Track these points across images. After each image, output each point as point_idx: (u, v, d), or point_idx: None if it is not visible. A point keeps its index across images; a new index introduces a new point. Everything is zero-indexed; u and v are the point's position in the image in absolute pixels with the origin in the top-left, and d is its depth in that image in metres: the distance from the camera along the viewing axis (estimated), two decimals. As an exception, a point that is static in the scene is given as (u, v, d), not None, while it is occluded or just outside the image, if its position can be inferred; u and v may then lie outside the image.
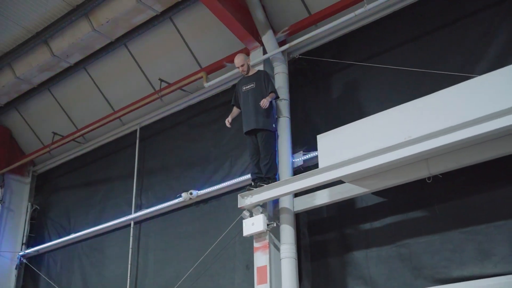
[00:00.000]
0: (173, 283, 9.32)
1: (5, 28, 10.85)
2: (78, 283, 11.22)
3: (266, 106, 7.70)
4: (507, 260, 6.09)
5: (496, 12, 7.07)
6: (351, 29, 8.45)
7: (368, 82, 8.04)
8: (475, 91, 6.22)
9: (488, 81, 6.20)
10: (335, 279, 7.48)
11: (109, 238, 11.02)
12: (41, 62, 11.14)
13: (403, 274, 6.89)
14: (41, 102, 12.37)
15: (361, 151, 6.83)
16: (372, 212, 7.44)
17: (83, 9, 10.13)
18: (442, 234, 6.71)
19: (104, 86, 11.39)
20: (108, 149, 11.87)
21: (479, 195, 6.58)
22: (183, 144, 10.31)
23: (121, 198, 11.08)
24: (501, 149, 6.24)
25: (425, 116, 6.50)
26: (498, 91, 6.01)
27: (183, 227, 9.71)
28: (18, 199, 12.93)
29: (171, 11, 9.78)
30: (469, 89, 6.31)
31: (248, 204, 7.78)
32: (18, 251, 12.47)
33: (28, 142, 13.13)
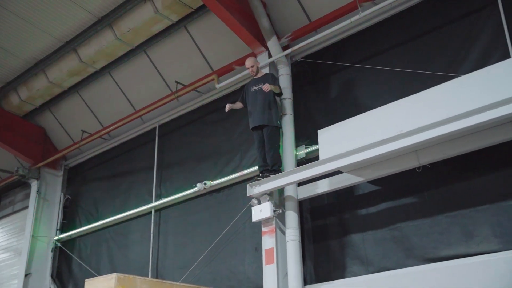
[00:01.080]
0: (190, 264, 9.33)
1: (39, 38, 10.89)
2: (106, 264, 11.27)
3: (267, 89, 7.66)
4: (488, 240, 6.17)
5: (477, 18, 7.09)
6: (347, 34, 8.44)
7: (363, 82, 8.04)
8: (460, 89, 6.30)
9: (471, 80, 6.28)
10: (335, 259, 7.51)
11: (133, 224, 11.07)
12: (71, 67, 11.20)
13: (396, 254, 6.92)
14: (71, 103, 12.41)
15: (358, 144, 6.86)
16: (368, 199, 7.46)
17: (107, 20, 10.19)
18: (431, 218, 6.76)
19: (126, 88, 11.41)
20: (130, 145, 11.90)
21: (464, 183, 6.62)
22: (198, 139, 10.32)
23: (143, 189, 11.10)
24: (482, 141, 6.30)
25: (415, 112, 6.55)
26: (480, 89, 6.07)
27: (198, 214, 9.73)
28: (52, 190, 12.99)
29: (185, 20, 9.80)
30: (454, 87, 6.39)
31: (257, 192, 7.78)
32: (53, 236, 12.54)
33: (60, 139, 13.17)
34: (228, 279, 8.71)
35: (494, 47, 6.80)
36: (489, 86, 5.98)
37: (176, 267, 9.67)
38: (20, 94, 12.30)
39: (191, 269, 9.23)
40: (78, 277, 11.74)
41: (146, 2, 9.55)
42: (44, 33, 10.76)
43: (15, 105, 12.56)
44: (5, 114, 12.69)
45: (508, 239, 6.01)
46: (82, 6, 9.99)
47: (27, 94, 12.18)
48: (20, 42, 11.05)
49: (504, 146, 6.24)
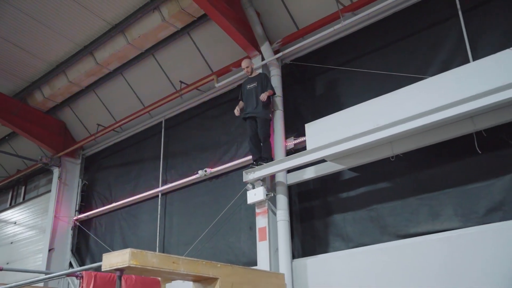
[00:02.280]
0: (192, 241, 9.36)
1: (61, 43, 10.89)
2: (118, 241, 11.29)
3: (264, 99, 7.73)
4: (451, 219, 6.26)
5: (442, 28, 7.13)
6: (331, 41, 8.43)
7: (344, 82, 8.04)
8: (427, 89, 6.36)
9: (437, 81, 6.35)
10: (319, 237, 7.54)
11: (142, 206, 11.06)
12: (88, 69, 11.18)
13: (373, 231, 6.97)
14: (88, 100, 12.39)
15: (340, 136, 6.90)
16: (348, 184, 7.47)
17: (120, 27, 10.18)
18: (403, 200, 6.80)
19: (136, 87, 11.39)
20: (140, 137, 11.86)
21: (431, 170, 6.67)
22: (199, 132, 10.30)
23: (151, 175, 11.09)
24: (446, 134, 6.38)
25: (389, 109, 6.58)
26: (444, 89, 6.12)
27: (200, 197, 9.74)
28: (71, 176, 12.99)
29: (188, 27, 9.79)
30: (422, 87, 6.45)
31: (251, 178, 7.80)
32: (73, 216, 12.55)
33: (78, 131, 13.14)
34: (226, 254, 8.74)
35: (456, 53, 6.84)
36: (452, 87, 6.05)
37: (180, 243, 9.68)
38: (43, 92, 12.30)
39: (193, 245, 9.25)
40: (95, 252, 11.78)
41: (154, 11, 9.55)
42: (65, 39, 10.75)
43: (39, 101, 12.55)
44: (30, 110, 12.68)
45: (467, 218, 6.09)
46: (99, 15, 10.00)
47: (49, 92, 12.17)
48: (44, 46, 11.04)
49: (464, 139, 6.30)
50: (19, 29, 10.52)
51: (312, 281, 7.15)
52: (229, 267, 5.87)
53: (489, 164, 6.09)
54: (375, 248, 6.74)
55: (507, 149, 5.87)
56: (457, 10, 6.96)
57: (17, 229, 14.53)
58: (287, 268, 7.27)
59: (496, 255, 5.60)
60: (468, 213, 6.11)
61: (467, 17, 6.87)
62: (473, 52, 6.64)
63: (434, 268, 6.04)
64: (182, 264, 5.36)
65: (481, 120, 6.08)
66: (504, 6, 6.58)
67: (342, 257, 7.02)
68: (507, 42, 6.24)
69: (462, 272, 5.81)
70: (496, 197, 5.94)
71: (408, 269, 6.26)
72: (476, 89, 5.76)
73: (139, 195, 11.02)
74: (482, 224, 5.91)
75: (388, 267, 6.45)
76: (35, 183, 14.79)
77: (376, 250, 6.69)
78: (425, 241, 6.27)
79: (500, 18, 6.58)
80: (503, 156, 5.96)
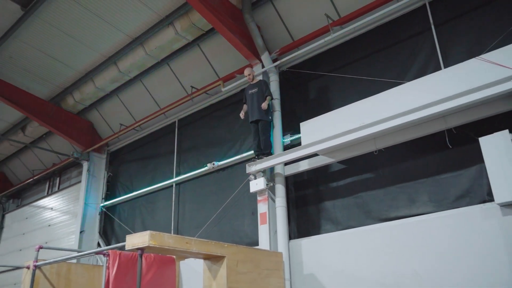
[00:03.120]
0: (202, 224, 9.39)
1: (88, 54, 10.89)
2: (139, 224, 11.32)
3: (265, 108, 7.76)
4: (426, 205, 6.29)
5: (418, 40, 7.12)
6: (322, 50, 8.41)
7: (334, 87, 8.03)
8: (405, 93, 6.37)
9: (414, 86, 6.35)
10: (312, 221, 7.54)
11: (159, 195, 11.07)
12: (112, 76, 11.18)
13: (358, 216, 6.98)
14: (112, 103, 12.40)
15: (330, 133, 6.93)
16: (338, 175, 7.46)
17: (139, 40, 10.17)
18: (384, 189, 6.81)
19: (153, 91, 11.39)
20: (156, 135, 11.87)
21: (409, 162, 6.67)
22: (207, 130, 10.30)
23: (166, 167, 11.09)
24: (422, 131, 6.41)
25: (373, 109, 6.59)
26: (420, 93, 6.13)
27: (208, 187, 9.74)
28: (98, 169, 13.01)
29: (198, 40, 9.77)
30: (401, 91, 6.45)
31: (253, 170, 7.81)
32: (100, 203, 12.58)
33: (103, 130, 13.16)
34: (231, 235, 8.76)
35: (430, 62, 6.83)
36: (427, 90, 6.07)
37: (192, 226, 9.69)
38: (74, 96, 12.31)
39: (203, 228, 9.28)
40: (119, 234, 11.83)
41: (169, 26, 9.54)
42: (93, 51, 10.75)
43: (70, 105, 12.56)
44: (63, 112, 12.71)
45: (440, 204, 6.11)
46: (122, 30, 10.00)
47: (79, 96, 12.19)
48: (75, 57, 11.06)
49: (437, 135, 6.31)
50: (54, 43, 10.56)
51: (306, 258, 7.19)
52: (234, 247, 5.90)
53: (458, 157, 6.10)
54: (360, 230, 6.77)
55: (473, 144, 5.86)
56: (430, 25, 6.97)
57: (54, 214, 14.59)
58: (284, 248, 7.29)
59: (463, 234, 5.64)
60: (440, 199, 6.13)
61: (439, 31, 6.88)
62: (444, 61, 6.65)
63: (411, 246, 6.07)
64: (194, 244, 5.38)
65: (451, 119, 6.10)
66: (470, 21, 6.59)
67: (332, 238, 7.04)
68: (473, 52, 6.26)
69: (435, 249, 5.84)
70: (464, 185, 5.95)
71: (389, 247, 6.29)
72: (447, 92, 5.80)
73: (156, 185, 11.04)
74: (452, 209, 5.93)
75: (371, 246, 6.48)
76: (68, 175, 14.84)
77: (362, 232, 6.72)
78: (403, 223, 6.30)
79: (466, 31, 6.58)
80: (470, 150, 5.96)
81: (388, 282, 6.12)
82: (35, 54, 10.96)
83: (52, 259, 7.75)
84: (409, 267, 5.98)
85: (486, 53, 5.75)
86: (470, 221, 5.62)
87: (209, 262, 5.77)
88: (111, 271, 6.73)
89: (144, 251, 5.29)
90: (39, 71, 11.63)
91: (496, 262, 5.26)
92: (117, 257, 6.89)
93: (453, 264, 5.61)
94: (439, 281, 5.67)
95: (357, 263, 6.54)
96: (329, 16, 7.97)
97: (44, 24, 9.98)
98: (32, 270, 7.64)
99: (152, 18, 9.63)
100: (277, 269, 6.58)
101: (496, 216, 5.39)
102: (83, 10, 9.52)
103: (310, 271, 7.06)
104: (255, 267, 6.12)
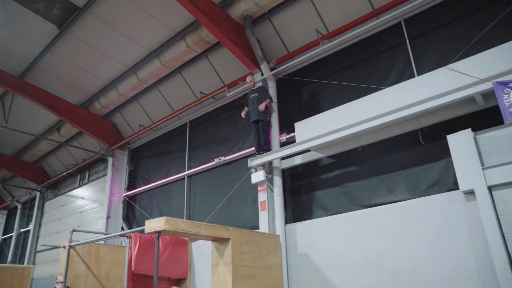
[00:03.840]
0: (210, 211, 9.38)
1: (113, 66, 10.91)
2: (156, 211, 11.28)
3: (262, 109, 7.77)
4: (402, 193, 6.30)
5: (395, 51, 7.10)
6: (313, 61, 8.36)
7: (324, 92, 7.98)
8: (385, 97, 6.36)
9: (391, 91, 6.34)
10: (305, 207, 7.54)
11: (173, 186, 11.02)
12: (132, 84, 11.15)
13: (345, 203, 6.98)
14: (132, 107, 12.35)
15: (321, 132, 6.93)
16: (327, 168, 7.45)
17: (155, 53, 10.15)
18: (367, 180, 6.80)
19: (168, 96, 11.34)
20: (170, 134, 11.79)
21: (388, 156, 6.66)
22: (214, 130, 10.25)
23: (179, 162, 11.03)
24: (399, 130, 6.41)
25: (357, 111, 6.59)
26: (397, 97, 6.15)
27: (216, 179, 9.71)
28: (121, 163, 12.98)
29: (206, 52, 9.72)
30: (381, 95, 6.44)
31: (254, 164, 7.80)
32: (123, 193, 12.55)
33: (125, 130, 13.10)
34: (236, 220, 8.75)
35: (405, 70, 6.82)
36: (403, 95, 6.06)
37: (201, 213, 9.68)
38: (100, 102, 12.28)
39: (211, 214, 9.31)
40: (139, 219, 11.79)
41: (181, 40, 9.51)
42: (116, 63, 10.77)
43: (97, 109, 12.53)
44: (91, 115, 12.68)
45: (414, 192, 6.12)
46: (141, 44, 10.01)
47: (105, 102, 12.16)
48: (101, 69, 11.07)
49: (411, 133, 6.33)
50: (84, 56, 10.59)
51: (300, 240, 7.21)
52: (238, 230, 5.92)
53: (429, 152, 6.12)
54: (346, 215, 6.78)
55: (442, 141, 5.86)
56: (405, 39, 6.96)
57: (84, 202, 14.59)
58: (281, 231, 7.31)
59: (434, 218, 5.68)
60: (414, 188, 6.14)
61: (412, 44, 6.87)
62: (417, 69, 6.64)
63: (389, 229, 6.10)
64: (203, 228, 5.42)
65: (423, 119, 6.12)
66: (439, 36, 6.57)
67: (322, 222, 7.06)
68: (441, 62, 6.27)
69: (410, 231, 5.87)
70: (434, 176, 5.98)
71: (371, 229, 6.31)
72: (420, 96, 5.82)
73: (171, 177, 10.98)
74: (424, 196, 5.95)
75: (356, 229, 6.50)
76: (95, 169, 14.81)
77: (348, 217, 6.74)
78: (383, 209, 6.33)
79: (436, 45, 6.57)
80: (439, 146, 5.97)
81: (370, 259, 6.17)
82: (68, 66, 11.00)
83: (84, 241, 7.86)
84: (387, 246, 6.02)
85: (452, 63, 5.77)
86: (439, 206, 5.66)
87: (216, 243, 5.81)
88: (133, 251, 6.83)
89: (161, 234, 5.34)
90: (71, 81, 11.66)
91: (460, 239, 5.32)
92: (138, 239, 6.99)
93: (425, 242, 5.65)
94: (413, 257, 5.71)
95: (343, 243, 6.57)
96: (319, 31, 7.96)
97: (76, 40, 10.05)
98: (68, 249, 7.76)
99: (167, 34, 9.64)
100: (275, 249, 6.61)
101: (460, 202, 5.43)
102: (108, 28, 9.57)
103: (303, 250, 7.09)
104: (256, 248, 6.15)
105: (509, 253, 4.63)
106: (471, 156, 5.18)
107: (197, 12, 7.73)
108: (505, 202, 4.81)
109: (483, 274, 5.01)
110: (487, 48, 5.62)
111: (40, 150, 16.27)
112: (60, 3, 9.10)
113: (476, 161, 5.11)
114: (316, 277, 6.74)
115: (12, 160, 16.99)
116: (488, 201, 4.88)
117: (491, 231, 4.76)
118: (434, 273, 5.45)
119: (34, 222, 17.08)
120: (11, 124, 13.16)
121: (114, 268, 8.69)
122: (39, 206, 17.44)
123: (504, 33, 5.80)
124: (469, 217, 5.31)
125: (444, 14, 6.64)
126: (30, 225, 17.21)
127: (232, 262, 5.59)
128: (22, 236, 18.12)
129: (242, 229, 6.05)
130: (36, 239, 16.78)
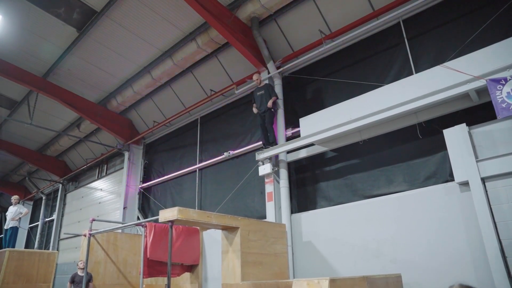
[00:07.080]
0: (220, 202, 9.41)
1: (128, 66, 10.95)
2: (169, 202, 11.32)
3: (270, 106, 7.79)
4: (401, 185, 6.30)
5: (394, 50, 7.07)
6: (317, 59, 8.34)
7: (327, 89, 7.96)
8: (384, 93, 6.33)
9: (391, 88, 6.30)
10: (310, 198, 7.57)
11: (185, 178, 11.06)
12: (147, 83, 11.17)
13: (347, 194, 6.99)
14: (146, 104, 12.37)
15: (324, 127, 6.93)
16: (330, 161, 7.47)
17: (168, 53, 10.16)
18: (368, 172, 6.80)
19: (180, 94, 11.35)
20: (183, 129, 11.78)
21: (388, 150, 6.65)
22: (224, 125, 10.26)
23: (191, 156, 11.04)
24: (398, 124, 6.39)
25: (359, 107, 6.58)
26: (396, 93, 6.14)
27: (225, 171, 9.76)
28: (136, 157, 13.01)
29: (216, 52, 9.72)
30: (381, 92, 6.41)
31: (261, 157, 7.83)
32: (138, 185, 12.59)
33: (140, 126, 13.15)
34: (244, 211, 8.79)
35: (404, 68, 6.80)
36: (401, 92, 6.04)
37: (212, 204, 9.75)
38: (117, 99, 12.34)
39: (221, 205, 9.34)
40: (154, 209, 11.86)
41: (192, 41, 9.53)
42: (131, 63, 10.81)
43: (114, 106, 12.60)
44: (109, 112, 12.74)
45: (412, 183, 6.13)
46: (154, 45, 10.05)
47: (121, 99, 12.21)
48: (117, 68, 11.13)
49: (410, 128, 6.32)
50: (102, 57, 10.67)
51: (305, 229, 7.25)
52: (246, 220, 5.93)
53: (427, 146, 6.11)
54: (349, 205, 6.80)
55: (438, 135, 5.85)
56: (404, 39, 6.93)
57: (103, 193, 14.69)
58: (287, 220, 7.35)
59: (431, 207, 5.69)
60: (412, 180, 6.15)
61: (411, 43, 6.84)
62: (415, 67, 6.62)
63: (389, 218, 6.13)
64: (214, 218, 5.43)
65: (421, 115, 6.11)
66: (436, 36, 6.54)
67: (326, 212, 7.09)
68: (438, 60, 6.24)
69: (408, 220, 5.90)
70: (431, 168, 5.98)
71: (372, 219, 6.34)
72: (418, 93, 5.81)
73: (183, 170, 11.00)
74: (422, 187, 5.96)
75: (358, 218, 6.53)
76: (113, 162, 14.87)
77: (350, 207, 6.76)
78: (383, 200, 6.35)
79: (433, 44, 6.54)
80: (436, 140, 5.97)
81: (371, 247, 6.21)
82: (87, 66, 11.10)
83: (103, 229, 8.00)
84: (387, 234, 6.05)
85: (448, 61, 5.75)
86: (436, 197, 5.67)
87: (226, 232, 5.83)
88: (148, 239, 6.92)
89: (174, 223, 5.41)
90: (90, 80, 11.75)
91: (456, 228, 5.34)
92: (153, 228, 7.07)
93: (422, 230, 5.68)
94: (411, 244, 5.75)
95: (345, 232, 6.60)
96: (322, 31, 7.95)
97: (94, 43, 10.14)
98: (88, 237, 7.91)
99: (179, 35, 9.68)
100: (281, 237, 6.63)
101: (456, 193, 5.45)
102: (124, 30, 9.64)
103: (308, 239, 7.13)
104: (263, 236, 6.16)
105: (500, 240, 4.65)
106: (465, 149, 5.18)
107: (207, 15, 7.76)
108: (497, 193, 4.82)
109: (476, 259, 5.04)
110: (481, 47, 5.59)
111: (62, 145, 16.44)
112: (79, 8, 9.19)
113: (471, 154, 5.11)
114: (320, 264, 6.78)
115: (36, 154, 17.23)
116: (481, 192, 4.89)
117: (483, 220, 4.78)
118: (431, 259, 5.49)
119: (57, 212, 17.32)
120: (35, 121, 13.35)
121: (131, 255, 8.82)
122: (62, 197, 17.68)
123: (496, 33, 5.77)
124: (463, 206, 5.33)
125: (440, 15, 6.60)
126: (54, 215, 17.48)
127: (240, 250, 5.61)
128: (47, 225, 18.44)
129: (250, 219, 6.07)
130: (60, 227, 17.05)
